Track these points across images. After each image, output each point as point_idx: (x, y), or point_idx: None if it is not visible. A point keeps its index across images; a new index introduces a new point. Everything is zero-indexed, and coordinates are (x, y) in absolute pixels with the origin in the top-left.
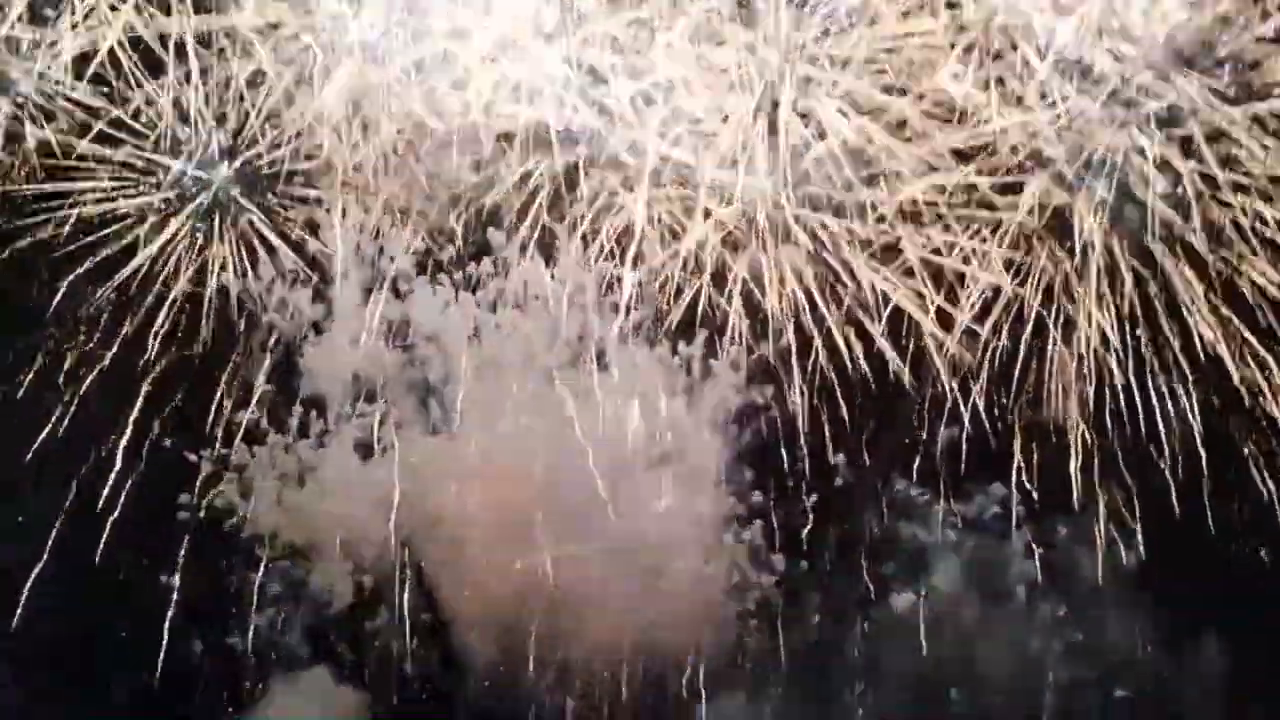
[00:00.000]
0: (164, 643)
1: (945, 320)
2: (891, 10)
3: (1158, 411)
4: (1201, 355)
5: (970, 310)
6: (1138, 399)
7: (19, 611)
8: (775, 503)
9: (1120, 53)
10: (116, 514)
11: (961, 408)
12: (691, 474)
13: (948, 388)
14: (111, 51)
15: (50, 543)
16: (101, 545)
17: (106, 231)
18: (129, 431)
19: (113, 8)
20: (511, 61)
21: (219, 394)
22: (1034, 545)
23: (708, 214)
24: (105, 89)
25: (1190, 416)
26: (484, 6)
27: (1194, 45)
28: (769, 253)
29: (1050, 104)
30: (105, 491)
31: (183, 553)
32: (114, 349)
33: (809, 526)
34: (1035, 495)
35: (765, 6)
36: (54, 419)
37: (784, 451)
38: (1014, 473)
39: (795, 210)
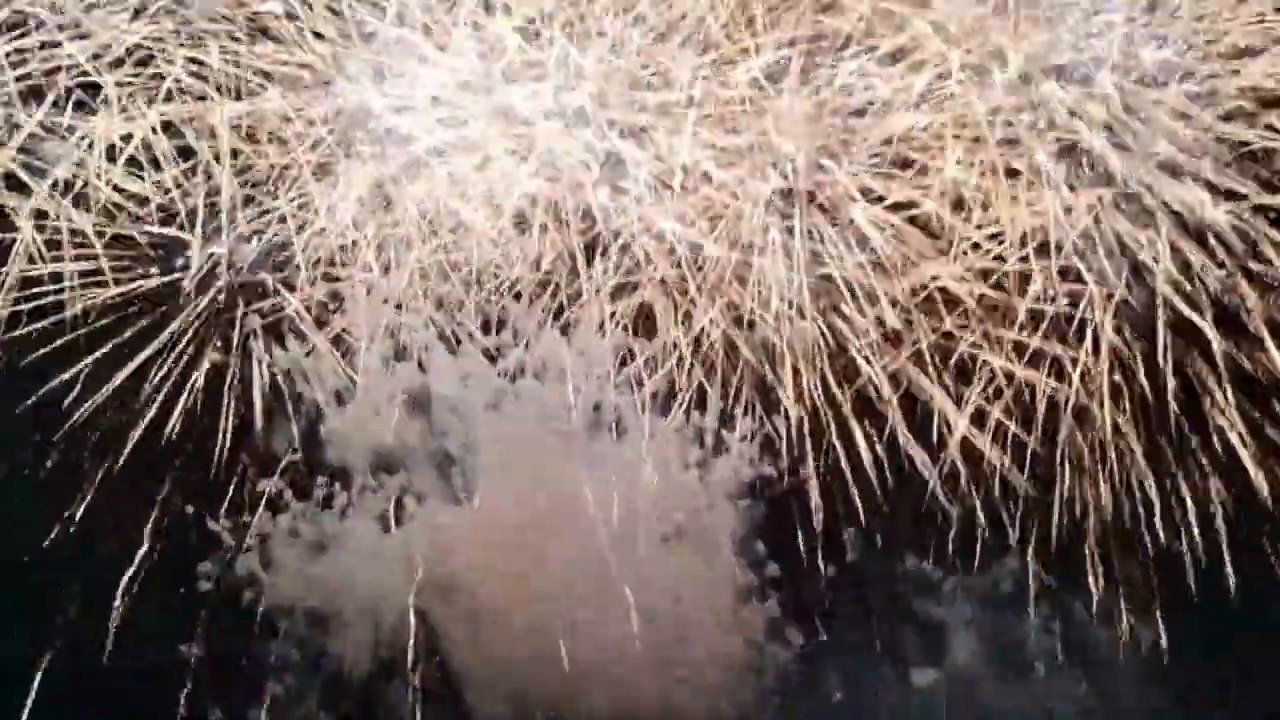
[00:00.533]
0: (180, 715)
1: (958, 403)
2: (900, 100)
3: (1173, 497)
4: (1218, 445)
5: (981, 393)
6: (1153, 486)
7: (34, 688)
8: (791, 576)
9: (1127, 144)
10: (137, 589)
11: (973, 491)
12: (706, 545)
13: (960, 470)
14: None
15: (68, 617)
16: (119, 618)
17: (134, 309)
18: (155, 510)
19: (150, 101)
20: (533, 144)
21: (242, 464)
22: (1052, 622)
23: (720, 293)
24: (137, 171)
25: (1210, 503)
26: (507, 93)
27: (1201, 140)
28: (781, 332)
29: (1058, 194)
30: (130, 570)
31: (201, 623)
32: (140, 425)
33: (826, 601)
34: (1052, 573)
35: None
36: (79, 498)
37: (798, 525)
38: (1029, 551)
39: (808, 291)
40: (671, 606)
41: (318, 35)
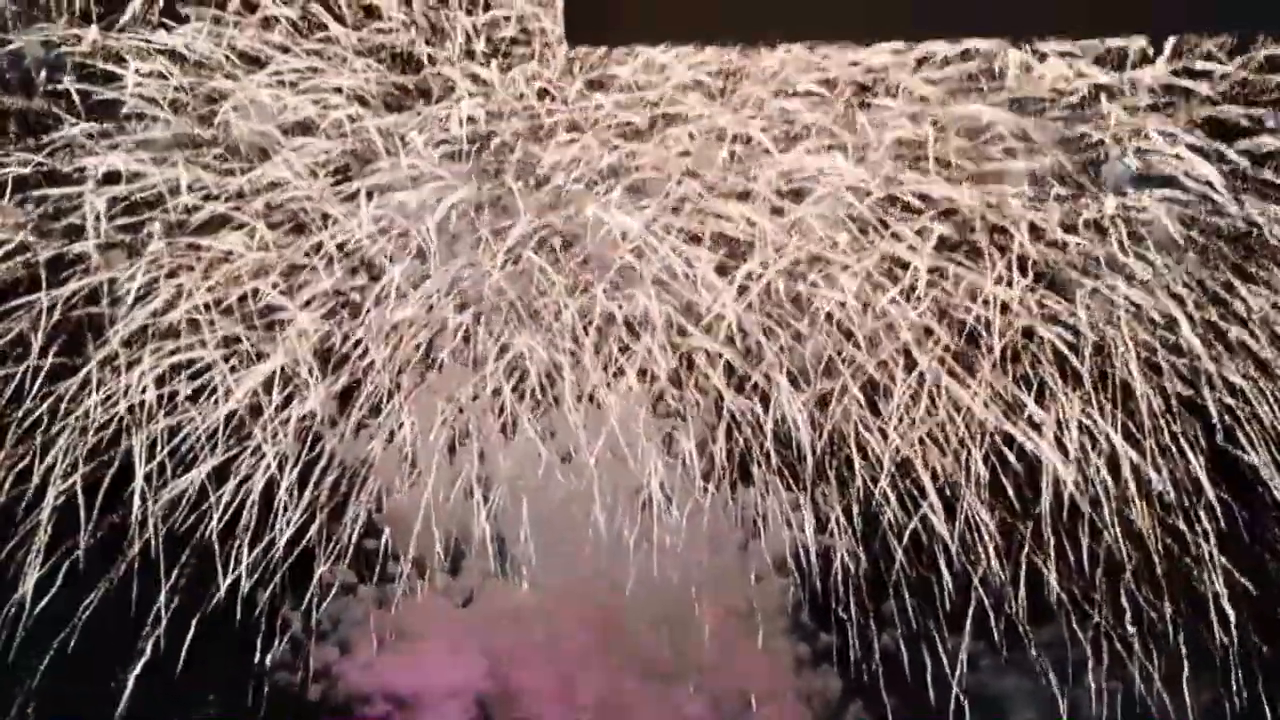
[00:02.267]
0: None
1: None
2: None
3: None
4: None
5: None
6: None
7: None
8: (843, 649)
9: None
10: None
11: (1002, 567)
12: (758, 619)
13: (998, 559)
14: None
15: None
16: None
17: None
18: (222, 594)
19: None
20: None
21: (310, 553)
22: (1106, 686)
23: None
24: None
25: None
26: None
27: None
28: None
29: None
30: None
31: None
32: (213, 519)
33: (882, 672)
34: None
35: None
36: (154, 594)
37: (843, 597)
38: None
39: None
40: (732, 683)
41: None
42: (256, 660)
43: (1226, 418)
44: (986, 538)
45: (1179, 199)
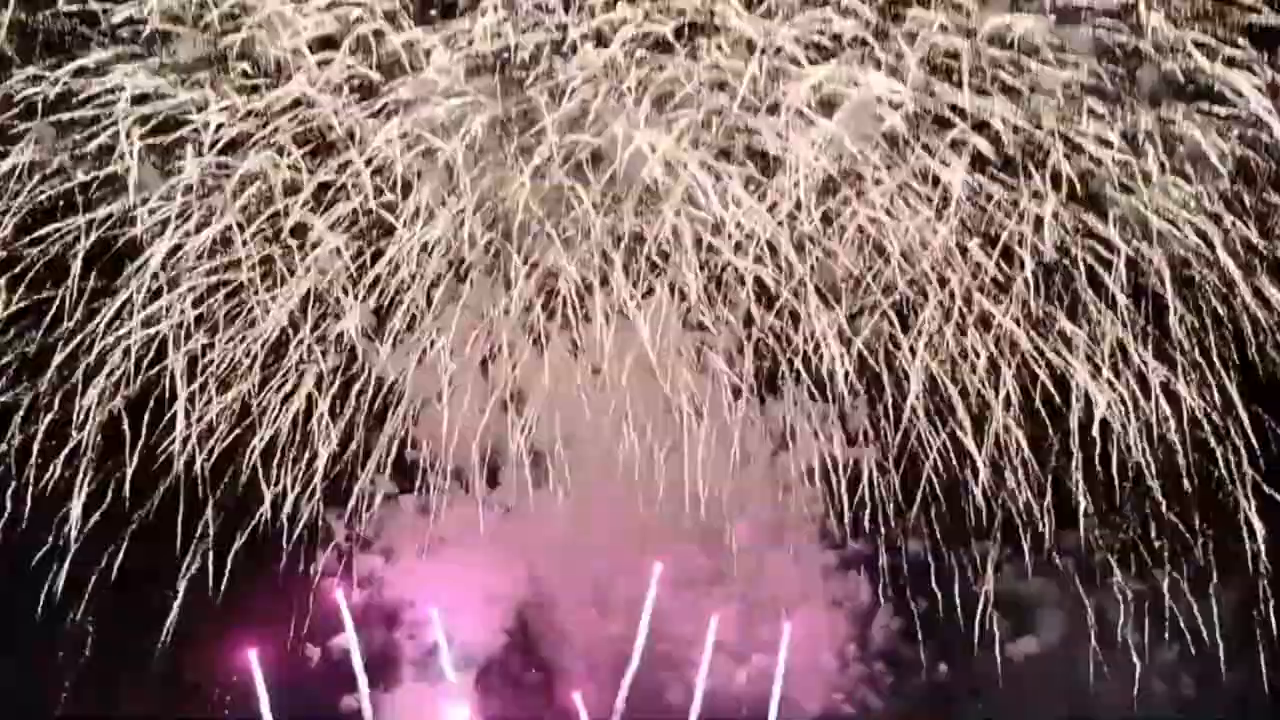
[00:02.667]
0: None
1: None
2: None
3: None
4: None
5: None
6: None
7: None
8: (872, 557)
9: None
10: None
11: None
12: (787, 527)
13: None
14: None
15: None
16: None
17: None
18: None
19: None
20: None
21: (357, 466)
22: (1131, 592)
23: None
24: None
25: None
26: None
27: None
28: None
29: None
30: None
31: (325, 619)
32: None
33: (911, 578)
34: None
35: None
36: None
37: (871, 508)
38: (1091, 528)
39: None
40: (763, 590)
41: None
42: (301, 569)
43: (1260, 334)
44: (1014, 451)
45: (1217, 113)
